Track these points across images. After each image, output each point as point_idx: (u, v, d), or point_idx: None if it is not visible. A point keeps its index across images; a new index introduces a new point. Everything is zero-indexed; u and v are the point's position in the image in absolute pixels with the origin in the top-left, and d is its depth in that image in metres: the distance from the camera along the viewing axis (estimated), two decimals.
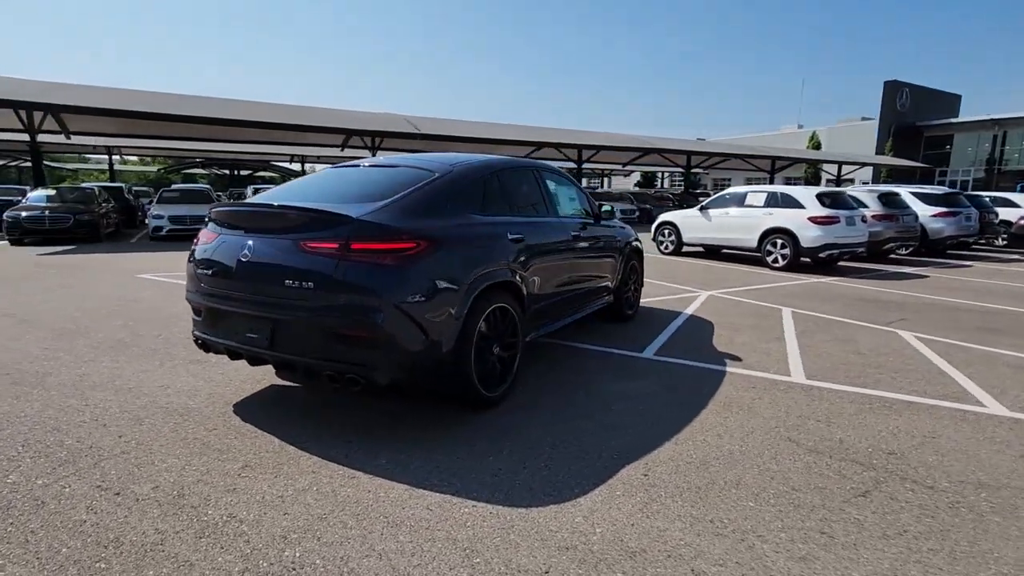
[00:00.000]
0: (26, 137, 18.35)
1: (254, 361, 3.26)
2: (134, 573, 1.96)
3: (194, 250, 3.43)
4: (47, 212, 14.19)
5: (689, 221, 12.15)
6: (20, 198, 16.89)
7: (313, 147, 29.18)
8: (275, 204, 3.11)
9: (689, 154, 29.73)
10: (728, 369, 4.42)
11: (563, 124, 26.87)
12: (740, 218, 11.07)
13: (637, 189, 41.68)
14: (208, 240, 3.33)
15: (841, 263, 11.51)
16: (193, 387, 3.82)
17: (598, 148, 25.40)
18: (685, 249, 12.61)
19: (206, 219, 3.50)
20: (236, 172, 45.94)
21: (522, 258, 3.80)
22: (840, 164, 34.42)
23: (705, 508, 2.45)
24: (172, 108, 18.31)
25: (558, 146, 25.97)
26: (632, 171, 50.45)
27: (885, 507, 2.49)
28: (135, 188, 28.35)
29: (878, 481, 2.71)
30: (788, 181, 38.79)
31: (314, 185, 3.80)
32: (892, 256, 12.69)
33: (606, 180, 57.35)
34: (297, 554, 2.08)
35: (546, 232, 4.24)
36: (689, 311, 6.58)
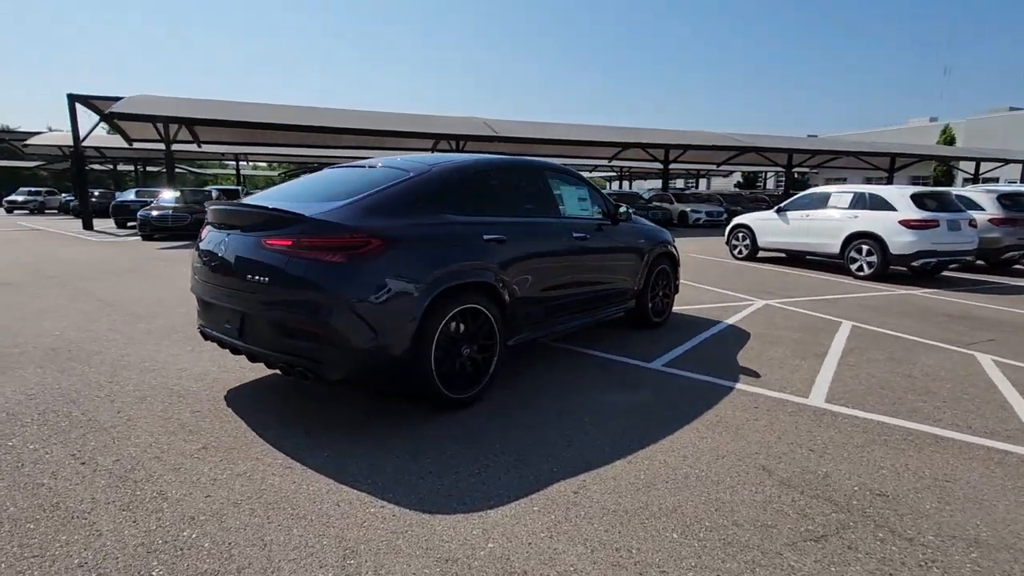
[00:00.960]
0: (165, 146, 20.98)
1: (234, 351, 3.48)
2: (51, 536, 2.18)
3: (197, 244, 3.74)
4: (171, 212, 16.16)
5: (765, 224, 11.26)
6: (153, 199, 19.37)
7: (408, 151, 30.59)
8: (244, 203, 3.30)
9: (790, 152, 27.53)
10: (739, 386, 4.04)
11: (666, 127, 25.83)
12: (822, 221, 10.07)
13: (735, 190, 39.36)
14: (203, 236, 3.62)
15: (947, 273, 10.10)
16: (206, 371, 4.15)
17: (685, 147, 24.28)
18: (762, 255, 11.70)
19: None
20: None
21: (503, 259, 3.73)
22: (978, 161, 30.17)
23: (619, 534, 2.26)
24: (283, 118, 20.04)
25: (644, 146, 25.19)
26: (732, 171, 47.75)
27: (834, 557, 2.14)
28: (249, 191, 31.40)
29: (844, 526, 2.34)
30: (915, 181, 34.71)
31: (303, 185, 3.98)
32: (1017, 266, 10.91)
33: (703, 181, 54.71)
34: (194, 535, 2.19)
35: (540, 233, 4.12)
36: (731, 320, 6.10)
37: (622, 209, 5.06)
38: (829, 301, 7.40)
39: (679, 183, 57.72)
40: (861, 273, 9.33)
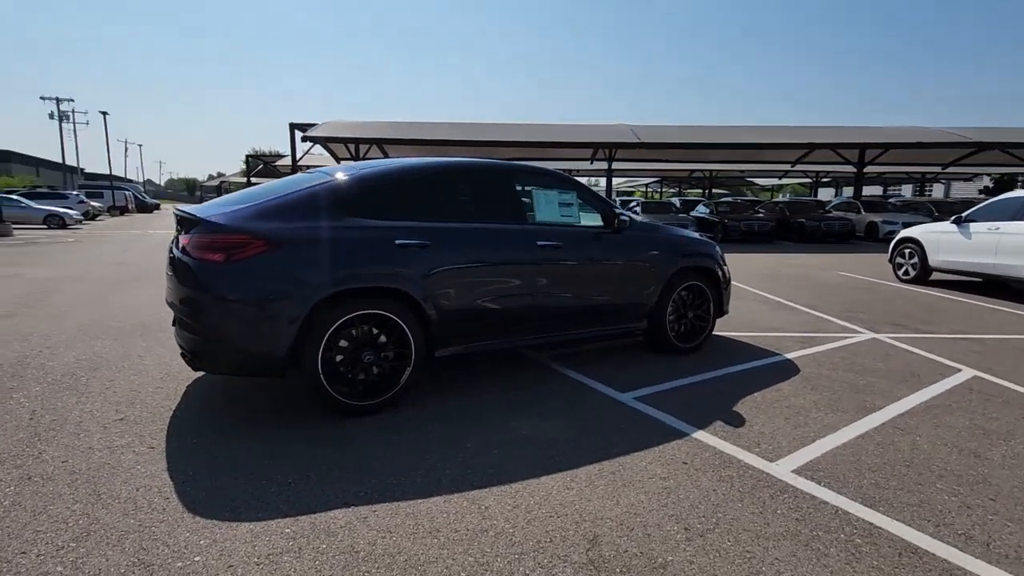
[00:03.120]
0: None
1: None
2: None
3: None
4: None
5: (939, 238, 8.83)
6: None
7: (575, 161, 30.89)
8: (178, 208, 3.65)
9: None
10: (699, 434, 3.24)
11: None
12: (1017, 236, 7.56)
13: (980, 196, 31.68)
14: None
15: None
16: None
17: (885, 146, 20.29)
18: (937, 276, 9.21)
19: None
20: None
21: (426, 265, 3.54)
22: None
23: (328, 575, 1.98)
24: (453, 135, 21.90)
25: (834, 147, 21.74)
26: (977, 175, 38.57)
27: None
28: None
29: None
30: None
31: (245, 192, 4.07)
32: None
33: (939, 186, 44.98)
34: (9, 502, 2.50)
35: (481, 239, 3.82)
36: (798, 353, 4.92)
37: (621, 217, 4.43)
38: (975, 341, 5.51)
39: (906, 190, 48.54)
40: None
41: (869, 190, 43.78)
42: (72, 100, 64.80)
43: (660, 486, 2.65)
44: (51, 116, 52.94)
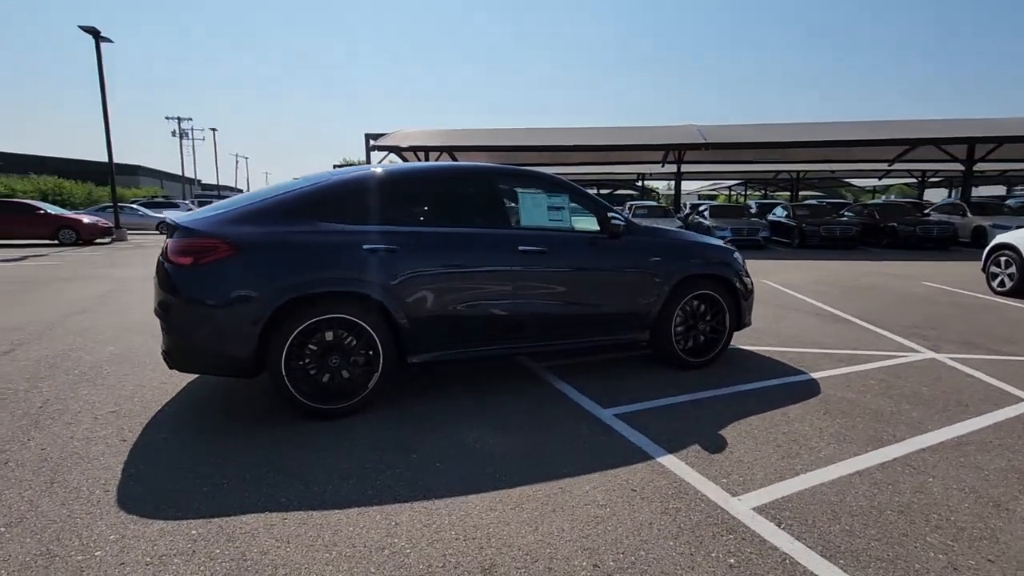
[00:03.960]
0: None
1: None
2: None
3: None
4: None
5: None
6: None
7: (641, 164, 30.05)
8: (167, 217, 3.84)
9: None
10: (665, 459, 2.95)
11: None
12: None
13: None
14: None
15: None
16: None
17: (999, 140, 17.94)
18: None
19: None
20: (598, 191, 51.44)
21: (396, 270, 3.51)
22: None
23: None
24: (519, 140, 22.02)
25: (938, 142, 19.57)
26: None
27: None
28: None
29: None
30: None
31: (243, 196, 4.16)
32: None
33: None
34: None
35: (454, 243, 3.73)
36: (826, 373, 4.40)
37: (614, 221, 4.16)
38: None
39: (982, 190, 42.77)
40: None
41: (989, 191, 39.03)
42: (191, 119, 71.96)
43: (592, 515, 2.43)
44: (173, 134, 59.20)
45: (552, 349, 4.11)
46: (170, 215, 3.83)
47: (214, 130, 54.13)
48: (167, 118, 62.19)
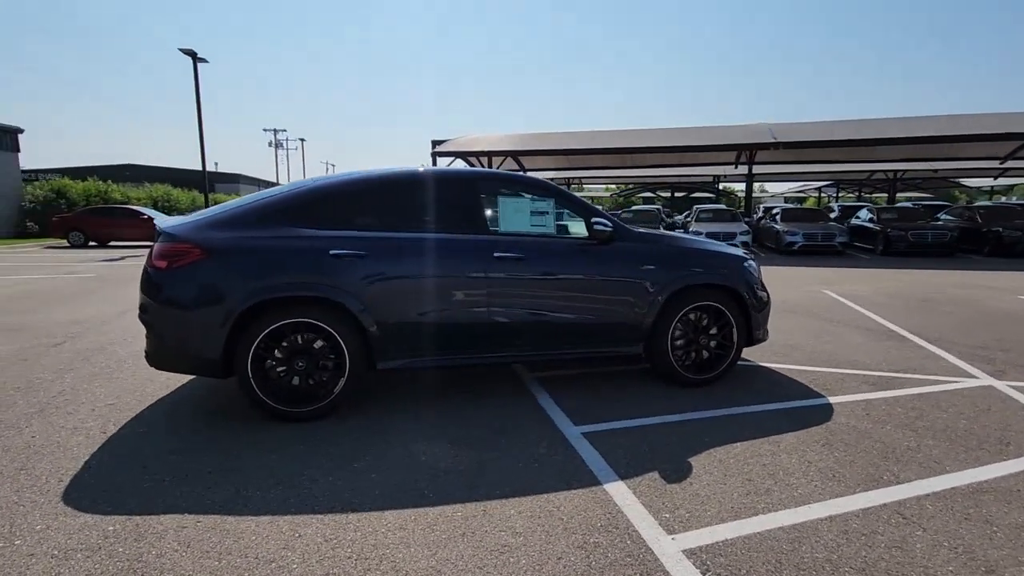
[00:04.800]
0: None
1: None
2: None
3: None
4: None
5: None
6: None
7: (716, 166, 28.69)
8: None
9: None
10: (610, 486, 2.71)
11: None
12: None
13: None
14: None
15: None
16: None
17: None
18: None
19: None
20: (673, 194, 49.78)
21: (363, 276, 3.50)
22: None
23: None
24: (596, 143, 21.67)
25: None
26: None
27: None
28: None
29: None
30: None
31: (232, 202, 4.27)
32: None
33: None
34: None
35: (425, 249, 3.65)
36: (850, 398, 3.91)
37: (598, 227, 3.89)
38: None
39: None
40: None
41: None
42: (285, 130, 77.53)
43: (502, 543, 2.26)
44: (269, 144, 63.88)
45: (533, 360, 3.95)
46: (159, 220, 4.12)
47: (302, 140, 57.95)
48: (264, 130, 67.25)
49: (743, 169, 24.44)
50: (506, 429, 3.42)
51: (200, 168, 21.55)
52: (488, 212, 3.92)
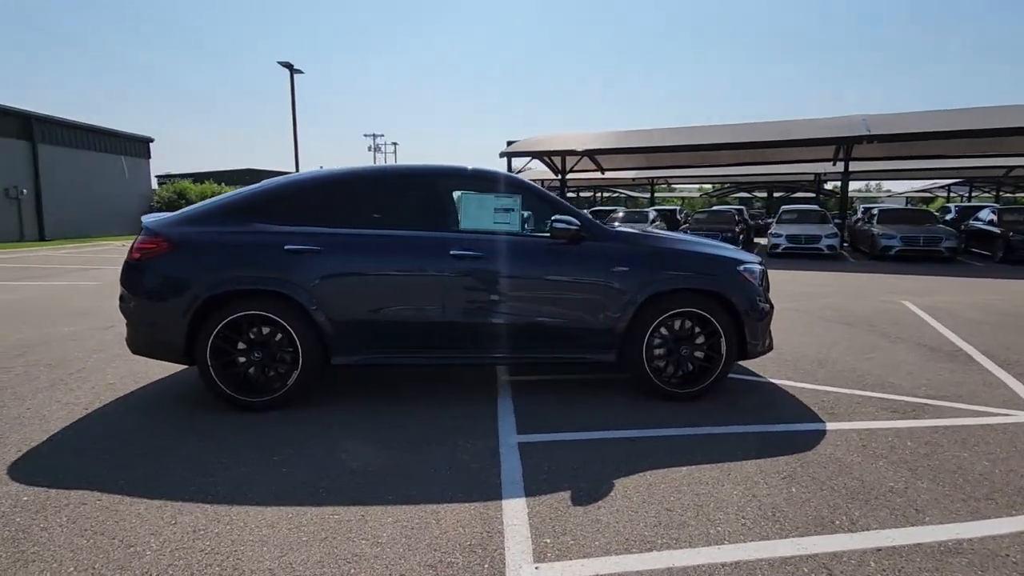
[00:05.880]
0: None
1: None
2: None
3: None
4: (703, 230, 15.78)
5: None
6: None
7: (807, 163, 26.31)
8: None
9: None
10: (510, 502, 2.50)
11: None
12: None
13: None
14: None
15: None
16: None
17: None
18: None
19: None
20: (771, 194, 46.50)
21: (318, 271, 3.54)
22: None
23: None
24: (675, 140, 20.77)
25: None
26: None
27: None
28: (689, 213, 29.74)
29: None
30: None
31: (216, 197, 4.50)
32: None
33: None
34: None
35: (378, 246, 3.61)
36: (855, 426, 3.37)
37: (558, 225, 3.62)
38: None
39: None
40: None
41: None
42: (383, 135, 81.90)
43: (356, 552, 2.14)
44: (368, 148, 67.82)
45: (495, 363, 3.78)
46: (145, 217, 4.44)
47: (395, 144, 60.98)
48: (364, 135, 71.48)
49: (850, 167, 22.23)
50: (444, 433, 3.29)
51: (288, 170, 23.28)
52: (453, 209, 3.82)
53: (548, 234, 3.72)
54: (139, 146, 28.41)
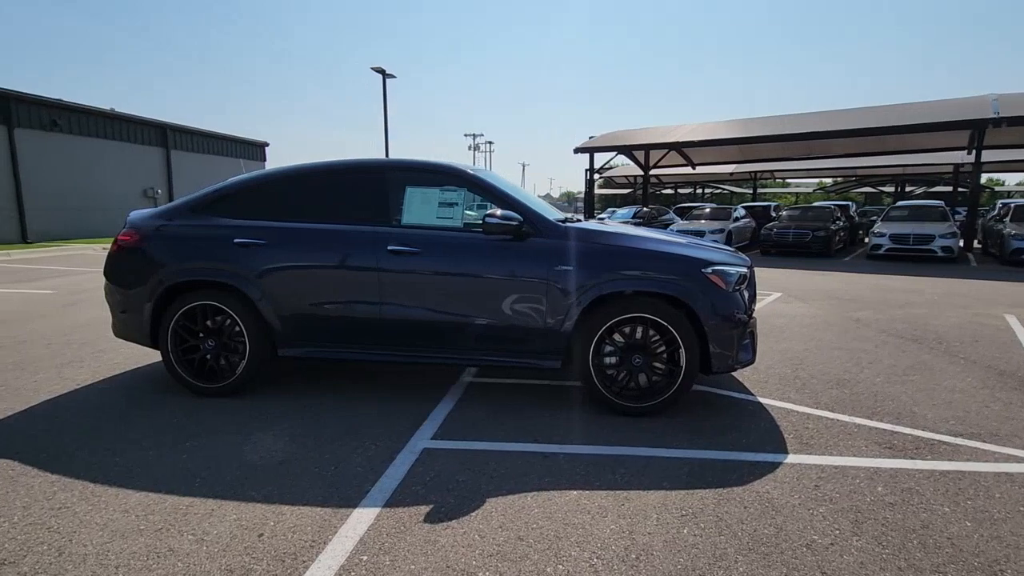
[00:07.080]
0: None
1: None
2: None
3: None
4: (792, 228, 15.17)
5: None
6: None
7: (936, 152, 22.90)
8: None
9: None
10: (363, 511, 2.36)
11: None
12: None
13: None
14: None
15: None
16: None
17: None
18: None
19: None
20: (898, 188, 41.41)
21: (264, 264, 3.63)
22: None
23: None
24: (770, 129, 19.12)
25: None
26: None
27: None
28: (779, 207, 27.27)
29: None
30: None
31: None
32: None
33: None
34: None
35: (318, 241, 3.60)
36: (824, 462, 2.82)
37: (486, 220, 3.35)
38: None
39: None
40: None
41: None
42: (482, 134, 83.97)
43: (174, 546, 2.12)
44: (469, 148, 69.88)
45: (438, 363, 3.63)
46: (131, 212, 4.73)
47: (491, 143, 62.23)
48: (465, 135, 73.65)
49: (987, 155, 19.11)
50: (360, 431, 3.21)
51: None
52: (400, 204, 3.72)
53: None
54: (256, 150, 31.40)
